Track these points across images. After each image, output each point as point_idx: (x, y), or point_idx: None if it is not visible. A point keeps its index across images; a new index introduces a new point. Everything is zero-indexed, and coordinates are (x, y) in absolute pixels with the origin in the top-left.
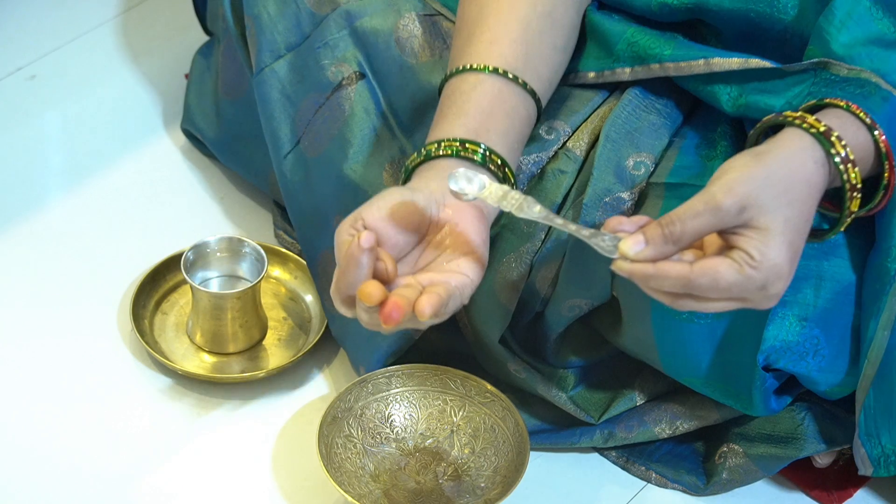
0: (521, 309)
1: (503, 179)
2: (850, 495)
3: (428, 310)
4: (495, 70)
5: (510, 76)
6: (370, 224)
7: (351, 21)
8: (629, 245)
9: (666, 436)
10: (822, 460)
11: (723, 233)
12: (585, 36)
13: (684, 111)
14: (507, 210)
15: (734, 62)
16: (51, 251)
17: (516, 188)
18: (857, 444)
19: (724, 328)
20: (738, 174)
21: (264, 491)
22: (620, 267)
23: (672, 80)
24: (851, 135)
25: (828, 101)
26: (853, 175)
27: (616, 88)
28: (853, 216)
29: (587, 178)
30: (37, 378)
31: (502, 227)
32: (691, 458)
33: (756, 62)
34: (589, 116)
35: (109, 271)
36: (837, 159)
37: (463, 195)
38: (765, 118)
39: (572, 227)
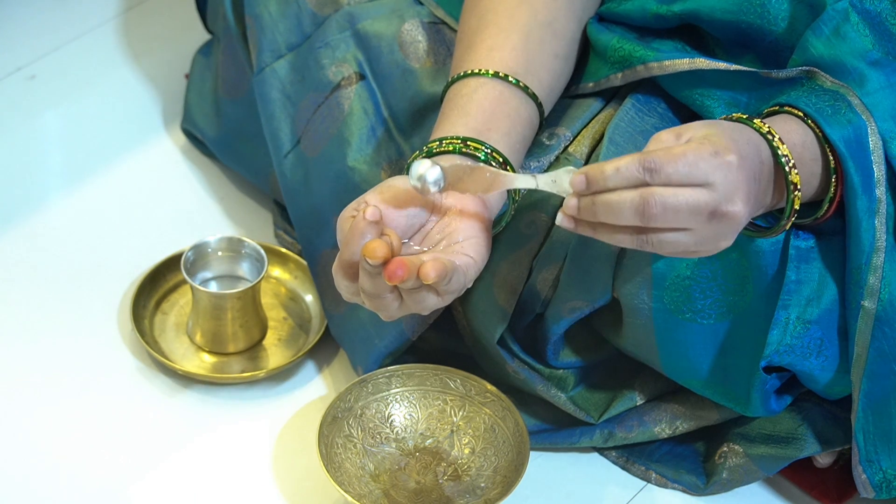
0: (522, 310)
1: None
2: (851, 495)
3: (432, 273)
4: (496, 74)
5: (511, 80)
6: (373, 205)
7: (353, 23)
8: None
9: (666, 436)
10: (823, 460)
11: None
12: (588, 51)
13: (683, 118)
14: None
15: (720, 65)
16: (51, 251)
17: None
18: (859, 470)
19: (725, 330)
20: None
21: (264, 491)
22: (580, 171)
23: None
24: (788, 129)
25: (767, 110)
26: (784, 149)
27: (615, 96)
28: (798, 193)
29: None
30: (37, 378)
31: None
32: (691, 457)
33: (739, 67)
34: (589, 122)
35: (109, 271)
36: (769, 136)
37: (427, 183)
38: None
39: (527, 178)
